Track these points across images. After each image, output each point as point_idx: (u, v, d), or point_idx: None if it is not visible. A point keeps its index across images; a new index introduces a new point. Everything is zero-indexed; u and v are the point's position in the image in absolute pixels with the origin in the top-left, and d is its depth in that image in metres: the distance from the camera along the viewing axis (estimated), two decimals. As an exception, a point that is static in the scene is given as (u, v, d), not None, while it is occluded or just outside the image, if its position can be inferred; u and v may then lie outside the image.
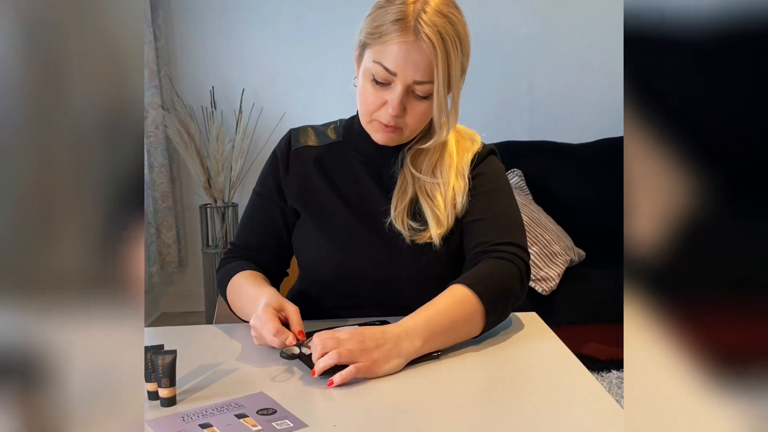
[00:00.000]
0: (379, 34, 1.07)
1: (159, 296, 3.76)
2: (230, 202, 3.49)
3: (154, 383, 0.88)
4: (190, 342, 1.13)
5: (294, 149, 1.26)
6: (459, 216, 1.18)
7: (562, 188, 3.19)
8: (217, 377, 0.96)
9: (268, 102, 3.56)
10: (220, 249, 3.42)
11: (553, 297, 2.67)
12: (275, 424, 0.82)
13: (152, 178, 3.46)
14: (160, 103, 3.47)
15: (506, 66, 3.56)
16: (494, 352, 1.06)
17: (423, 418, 0.84)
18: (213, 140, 3.39)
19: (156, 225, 3.50)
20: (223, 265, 1.27)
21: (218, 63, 3.57)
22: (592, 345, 2.78)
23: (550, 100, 3.57)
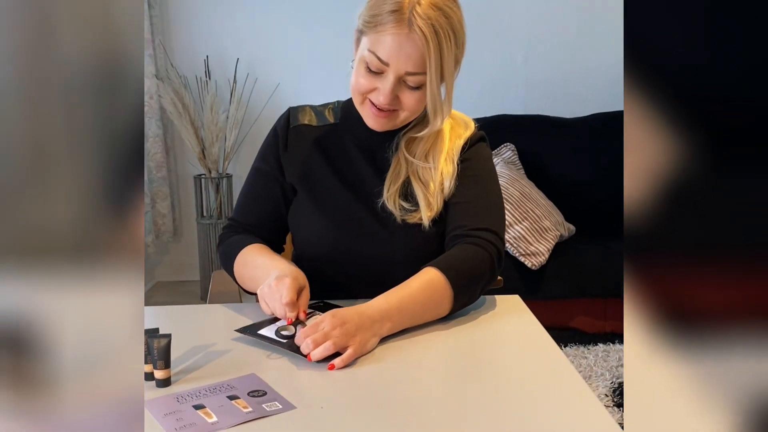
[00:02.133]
0: (375, 23, 1.10)
1: (154, 265, 3.80)
2: (224, 173, 3.51)
3: (149, 365, 0.92)
4: (185, 322, 1.17)
5: (293, 126, 1.29)
6: (446, 199, 1.22)
7: (555, 163, 3.21)
8: (211, 358, 1.00)
9: (262, 72, 3.55)
10: (214, 219, 3.45)
11: (543, 271, 2.72)
12: (265, 405, 0.85)
13: (147, 147, 3.47)
14: (154, 73, 3.46)
15: (502, 37, 3.55)
16: (475, 335, 1.10)
17: (404, 400, 0.88)
18: (207, 110, 3.39)
19: (151, 195, 3.52)
20: (224, 239, 1.30)
21: (213, 32, 3.55)
22: (580, 318, 2.84)
23: (546, 73, 3.57)
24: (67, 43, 0.67)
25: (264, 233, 1.31)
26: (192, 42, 3.56)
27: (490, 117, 3.31)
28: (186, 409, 0.85)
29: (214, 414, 0.83)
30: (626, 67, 0.73)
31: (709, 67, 0.73)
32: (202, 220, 3.48)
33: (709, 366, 0.69)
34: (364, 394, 0.90)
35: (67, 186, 0.68)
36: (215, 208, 3.47)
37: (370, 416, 0.84)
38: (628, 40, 0.73)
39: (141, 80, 0.72)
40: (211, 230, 3.44)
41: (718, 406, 0.67)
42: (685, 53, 0.74)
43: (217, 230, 3.44)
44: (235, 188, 3.58)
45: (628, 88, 0.73)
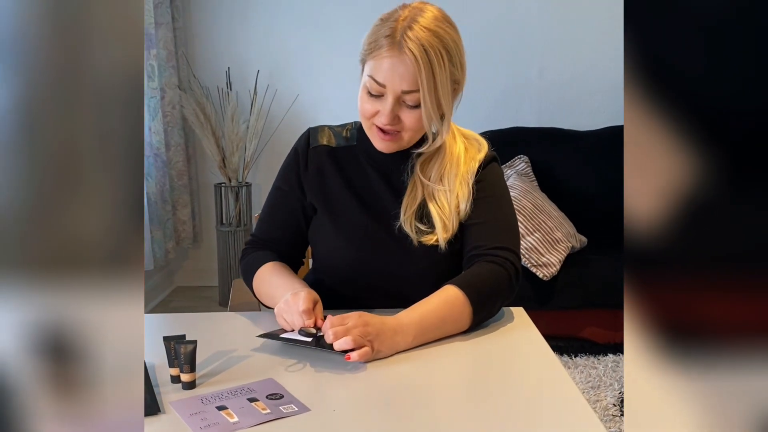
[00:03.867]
0: (372, 49, 1.19)
1: (174, 271, 3.90)
2: (244, 181, 3.60)
3: (176, 368, 0.99)
4: (208, 329, 1.24)
5: (312, 147, 1.35)
6: (462, 221, 1.28)
7: (568, 175, 3.26)
8: (232, 363, 1.07)
9: (282, 84, 3.64)
10: (233, 227, 3.54)
11: (554, 282, 2.77)
12: (282, 407, 0.93)
13: (169, 156, 3.56)
14: (177, 84, 3.56)
15: (516, 50, 3.60)
16: (480, 346, 1.17)
17: (410, 405, 0.94)
18: (228, 120, 3.48)
19: (172, 202, 3.62)
20: (246, 255, 1.38)
21: (234, 44, 3.64)
22: (591, 329, 2.88)
23: (560, 86, 3.61)
24: (97, 54, 0.71)
25: (284, 248, 1.38)
26: (214, 54, 3.66)
27: (504, 129, 3.37)
28: (210, 410, 0.92)
29: (235, 414, 0.90)
30: (627, 78, 0.72)
31: (723, 78, 0.73)
32: (221, 227, 3.57)
33: (715, 383, 0.69)
34: (374, 398, 0.97)
35: (99, 196, 0.72)
36: (234, 216, 3.56)
37: (379, 419, 0.91)
38: (634, 50, 0.72)
39: (141, 90, 0.76)
40: (230, 237, 3.53)
41: (725, 425, 0.68)
42: (693, 63, 0.74)
43: (235, 237, 3.53)
44: (254, 196, 3.67)
45: (630, 101, 0.72)
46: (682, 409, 0.70)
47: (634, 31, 0.73)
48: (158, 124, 3.42)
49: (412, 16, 1.17)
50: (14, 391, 0.68)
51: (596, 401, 2.38)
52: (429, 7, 1.20)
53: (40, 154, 0.70)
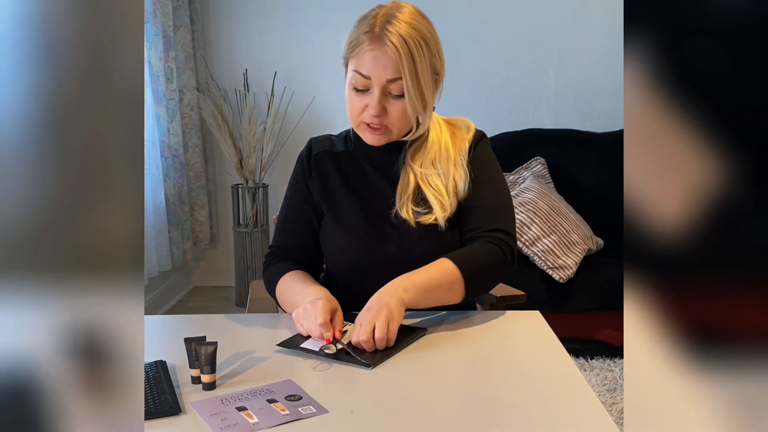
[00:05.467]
0: (354, 46, 1.26)
1: (191, 271, 3.93)
2: (261, 182, 3.63)
3: (197, 369, 1.01)
4: (228, 330, 1.26)
5: (314, 154, 1.43)
6: (461, 201, 1.35)
7: (585, 177, 3.25)
8: (251, 365, 1.09)
9: (299, 85, 3.66)
10: (250, 228, 3.56)
11: (570, 284, 2.77)
12: (301, 408, 0.94)
13: (187, 158, 3.60)
14: (195, 86, 3.60)
15: (533, 52, 3.60)
16: (496, 348, 1.18)
17: (426, 406, 0.95)
18: (245, 122, 3.51)
19: (190, 203, 3.65)
20: (268, 266, 1.42)
21: (252, 47, 3.67)
22: (607, 331, 2.87)
23: (576, 88, 3.61)
24: (123, 57, 0.73)
25: (303, 254, 1.42)
26: (231, 56, 3.69)
27: (521, 131, 3.37)
28: (230, 411, 0.93)
29: (255, 415, 0.92)
30: (628, 77, 0.71)
31: (740, 78, 0.73)
32: (238, 228, 3.60)
33: (740, 389, 0.69)
34: (391, 400, 0.98)
35: (124, 197, 0.74)
36: (251, 217, 3.59)
37: (396, 421, 0.92)
38: (651, 51, 0.70)
39: (141, 91, 0.77)
40: (247, 238, 3.56)
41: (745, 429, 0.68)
42: (716, 62, 0.73)
43: (252, 238, 3.55)
44: (270, 198, 3.70)
45: (639, 102, 0.70)
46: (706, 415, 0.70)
47: (649, 33, 0.73)
48: (176, 125, 3.45)
49: (390, 13, 1.25)
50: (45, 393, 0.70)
51: (612, 404, 2.38)
52: (404, 5, 1.28)
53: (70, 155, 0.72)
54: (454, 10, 3.51)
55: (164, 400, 0.96)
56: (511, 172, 3.18)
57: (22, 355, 0.71)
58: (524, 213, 2.80)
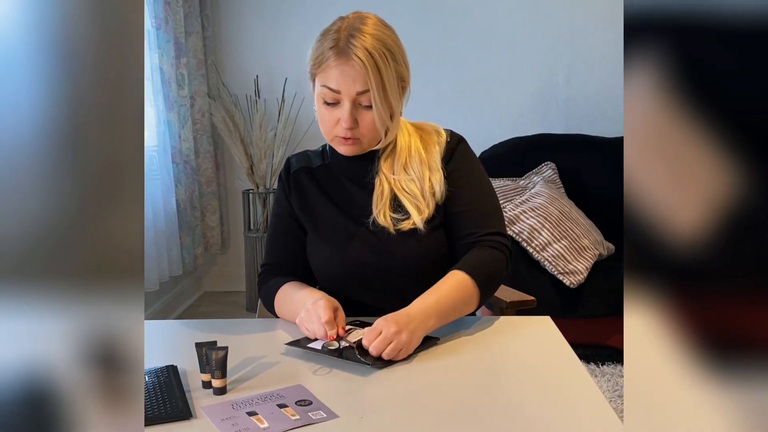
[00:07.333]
0: (320, 62, 1.27)
1: (202, 276, 3.95)
2: (271, 188, 3.64)
3: (208, 374, 1.02)
4: (238, 335, 1.27)
5: (292, 172, 1.45)
6: (439, 202, 1.35)
7: (595, 182, 3.24)
8: (261, 370, 1.09)
9: (309, 92, 3.63)
10: (261, 233, 3.58)
11: (581, 290, 2.75)
12: (311, 413, 0.94)
13: (198, 163, 3.62)
14: (206, 92, 3.62)
15: (543, 58, 3.60)
16: (507, 353, 1.18)
17: (435, 412, 0.95)
18: (256, 128, 3.53)
19: (201, 209, 3.67)
20: (262, 284, 1.44)
21: (263, 53, 3.69)
22: (618, 337, 2.85)
23: (587, 93, 3.60)
24: (128, 64, 0.74)
25: (295, 267, 1.43)
26: (243, 62, 3.71)
27: (532, 136, 3.37)
28: (240, 415, 0.94)
29: (265, 420, 0.92)
30: (628, 77, 0.71)
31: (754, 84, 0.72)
32: (249, 233, 3.61)
33: (750, 397, 0.68)
34: (401, 406, 0.98)
35: (130, 203, 0.75)
36: (262, 222, 3.60)
37: (406, 426, 0.92)
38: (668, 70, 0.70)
39: (142, 99, 0.78)
40: (258, 243, 3.57)
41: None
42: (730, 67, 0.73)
43: (263, 243, 3.55)
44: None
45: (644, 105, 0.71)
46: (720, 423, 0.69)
47: (678, 41, 0.72)
48: (188, 131, 3.47)
49: (353, 26, 1.26)
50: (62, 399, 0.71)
51: (623, 410, 2.36)
52: (367, 15, 1.30)
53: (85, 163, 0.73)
54: (465, 15, 3.51)
55: (175, 404, 0.96)
56: (522, 177, 3.17)
57: (39, 361, 0.72)
58: (535, 218, 2.80)
